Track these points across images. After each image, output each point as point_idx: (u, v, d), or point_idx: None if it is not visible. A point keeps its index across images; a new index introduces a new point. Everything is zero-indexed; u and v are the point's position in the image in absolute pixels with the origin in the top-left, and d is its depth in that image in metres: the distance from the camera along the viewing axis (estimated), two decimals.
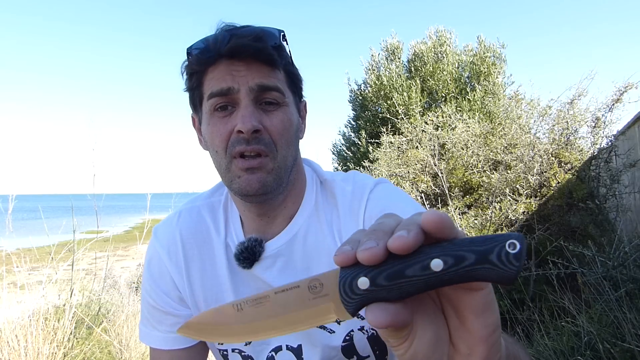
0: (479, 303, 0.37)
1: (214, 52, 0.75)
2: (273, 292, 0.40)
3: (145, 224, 4.70)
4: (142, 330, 0.96)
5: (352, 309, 0.37)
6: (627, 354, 2.26)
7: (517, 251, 0.33)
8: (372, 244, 0.35)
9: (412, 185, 4.95)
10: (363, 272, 0.36)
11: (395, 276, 0.35)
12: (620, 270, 2.69)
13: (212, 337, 0.42)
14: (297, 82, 0.86)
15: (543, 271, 3.28)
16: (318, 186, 0.93)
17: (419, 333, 0.39)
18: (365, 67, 8.22)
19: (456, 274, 0.34)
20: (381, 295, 0.35)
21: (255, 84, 0.76)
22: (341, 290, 0.37)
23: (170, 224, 0.94)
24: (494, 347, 0.39)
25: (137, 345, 3.57)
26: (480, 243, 0.34)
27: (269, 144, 0.77)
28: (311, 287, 0.39)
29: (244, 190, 0.78)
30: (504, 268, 0.33)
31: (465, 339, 0.39)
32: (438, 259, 0.34)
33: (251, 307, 0.41)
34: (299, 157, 0.88)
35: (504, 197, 4.41)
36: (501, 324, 0.40)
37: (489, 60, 7.54)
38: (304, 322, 0.39)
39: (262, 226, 0.87)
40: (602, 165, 4.20)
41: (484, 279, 0.34)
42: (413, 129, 5.48)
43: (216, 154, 0.79)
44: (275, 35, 0.78)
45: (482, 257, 0.33)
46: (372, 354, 0.89)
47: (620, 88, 4.14)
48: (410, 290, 0.35)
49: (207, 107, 0.79)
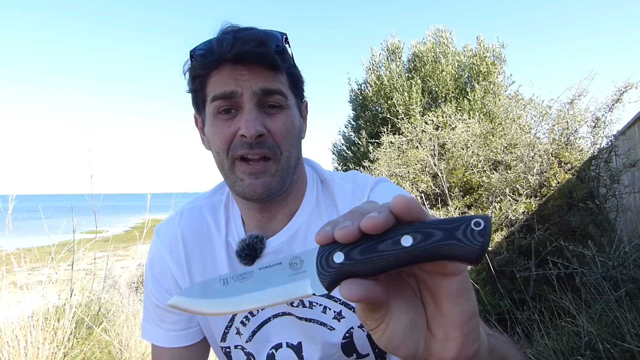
0: (454, 288, 0.38)
1: (218, 56, 0.76)
2: (257, 268, 0.43)
3: (146, 224, 4.71)
4: (144, 327, 0.97)
5: (327, 283, 0.39)
6: (627, 354, 2.26)
7: (481, 228, 0.35)
8: (347, 224, 0.38)
9: (412, 185, 4.95)
10: (339, 248, 0.38)
11: (368, 251, 0.37)
12: (620, 270, 2.69)
13: (198, 309, 0.44)
14: (298, 84, 0.86)
15: (543, 271, 3.28)
16: (319, 185, 0.94)
17: (395, 316, 0.41)
18: (365, 67, 8.21)
19: (424, 249, 0.36)
20: (355, 270, 0.37)
21: (258, 88, 0.76)
22: (318, 265, 0.39)
23: (172, 223, 0.95)
24: (471, 335, 0.40)
25: (137, 345, 3.56)
26: (448, 222, 0.36)
27: (272, 147, 0.78)
28: (292, 263, 0.41)
29: (248, 195, 0.79)
30: (469, 244, 0.35)
31: (441, 324, 0.40)
32: (408, 235, 0.36)
33: (236, 282, 0.43)
34: (301, 156, 0.89)
35: (504, 197, 4.41)
36: (501, 324, 0.40)
37: (488, 60, 7.53)
38: (283, 295, 0.41)
39: (264, 223, 0.88)
40: (602, 165, 4.20)
41: (451, 255, 0.36)
42: (413, 129, 5.48)
43: (218, 155, 0.81)
44: (278, 38, 0.79)
45: (449, 233, 0.35)
46: (372, 352, 0.90)
47: (620, 88, 4.14)
48: (382, 264, 0.37)
49: (211, 109, 0.80)
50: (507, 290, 3.73)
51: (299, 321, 0.89)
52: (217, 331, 0.94)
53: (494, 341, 0.50)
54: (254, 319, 0.92)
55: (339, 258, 0.38)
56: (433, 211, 4.63)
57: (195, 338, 0.95)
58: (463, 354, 0.40)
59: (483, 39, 7.77)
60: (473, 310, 0.40)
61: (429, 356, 0.41)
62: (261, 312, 0.91)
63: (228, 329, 0.93)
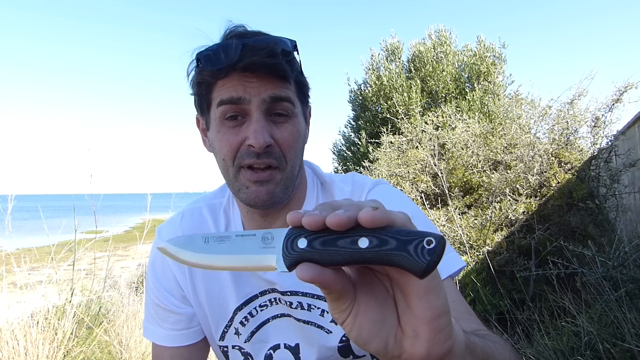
0: (422, 285, 0.40)
1: (226, 64, 0.73)
2: (235, 234, 0.47)
3: (146, 224, 4.70)
4: (146, 326, 0.99)
5: (288, 263, 0.42)
6: (627, 354, 2.26)
7: (431, 247, 0.37)
8: (316, 213, 0.40)
9: (412, 185, 4.95)
10: (305, 234, 0.41)
11: (328, 243, 0.40)
12: (620, 270, 2.69)
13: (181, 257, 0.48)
14: (305, 90, 0.86)
15: (543, 271, 3.28)
16: (319, 187, 0.94)
17: (363, 310, 0.42)
18: (365, 67, 8.21)
19: (377, 254, 0.38)
20: (314, 257, 0.40)
21: (267, 96, 0.75)
22: (284, 245, 0.42)
23: (173, 224, 0.97)
24: (442, 333, 0.41)
25: (137, 345, 3.56)
26: (405, 234, 0.38)
27: (279, 157, 0.78)
28: (264, 237, 0.45)
29: (253, 202, 0.79)
30: (417, 259, 0.37)
31: (410, 321, 0.41)
32: (365, 238, 0.39)
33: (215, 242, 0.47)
34: (302, 161, 0.89)
35: (504, 197, 4.41)
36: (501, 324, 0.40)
37: (488, 60, 7.53)
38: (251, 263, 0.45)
39: (265, 226, 0.89)
40: (602, 165, 4.20)
41: (400, 265, 0.38)
42: (413, 129, 5.48)
43: (223, 162, 0.80)
44: (288, 46, 0.77)
45: (401, 245, 0.37)
46: (368, 354, 0.90)
47: (620, 88, 4.15)
48: (338, 259, 0.39)
49: (217, 114, 0.78)
50: (507, 290, 3.73)
51: (298, 323, 0.90)
52: (216, 330, 0.94)
53: (476, 340, 0.51)
54: (253, 319, 0.92)
55: (302, 244, 0.41)
56: (433, 211, 4.63)
57: (195, 337, 0.96)
58: (434, 351, 0.41)
59: (484, 38, 7.77)
60: (442, 308, 0.41)
61: (402, 353, 0.42)
62: (260, 313, 0.92)
63: (227, 329, 0.93)
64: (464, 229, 4.33)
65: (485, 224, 4.30)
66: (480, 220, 4.39)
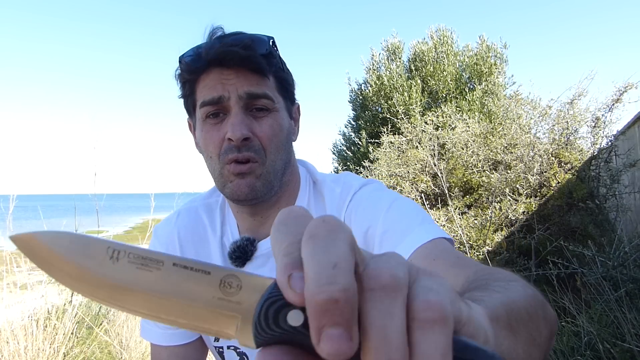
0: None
1: (204, 60, 0.77)
2: (172, 261, 0.29)
3: (149, 224, 4.71)
4: (143, 326, 0.99)
5: (262, 341, 0.26)
6: (627, 354, 2.26)
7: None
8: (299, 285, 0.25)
9: (412, 185, 4.95)
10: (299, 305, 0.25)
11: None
12: (620, 270, 2.69)
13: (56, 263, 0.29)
14: (287, 87, 0.87)
15: (543, 271, 3.28)
16: (311, 187, 0.94)
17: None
18: (365, 67, 8.21)
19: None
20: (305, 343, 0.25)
21: (244, 92, 0.77)
22: (261, 311, 0.26)
23: (169, 223, 0.97)
24: None
25: (137, 345, 3.57)
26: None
27: (258, 150, 0.79)
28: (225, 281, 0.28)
29: (234, 195, 0.80)
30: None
31: None
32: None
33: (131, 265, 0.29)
34: (292, 158, 0.89)
35: (504, 197, 4.40)
36: None
37: (490, 60, 7.53)
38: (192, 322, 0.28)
39: (255, 226, 0.89)
40: (602, 165, 4.20)
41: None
42: (413, 129, 5.48)
43: (210, 160, 0.82)
44: (265, 42, 0.79)
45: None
46: None
47: (620, 88, 4.15)
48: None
49: (200, 114, 0.81)
50: None
51: None
52: None
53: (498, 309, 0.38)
54: None
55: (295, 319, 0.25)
56: (433, 211, 4.63)
57: (191, 336, 0.96)
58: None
59: (486, 38, 7.76)
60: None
61: None
62: None
63: None
64: (464, 229, 4.33)
65: (485, 224, 4.30)
66: (480, 220, 4.39)
